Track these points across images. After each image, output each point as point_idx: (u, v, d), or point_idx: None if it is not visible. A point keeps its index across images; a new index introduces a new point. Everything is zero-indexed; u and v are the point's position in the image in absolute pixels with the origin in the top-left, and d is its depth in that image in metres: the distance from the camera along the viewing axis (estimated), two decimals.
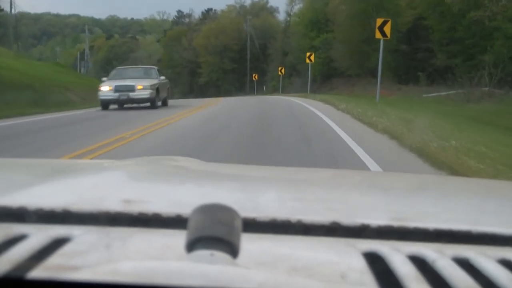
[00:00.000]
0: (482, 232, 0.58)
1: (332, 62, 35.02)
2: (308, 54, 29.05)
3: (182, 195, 0.76)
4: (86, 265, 0.44)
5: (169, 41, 60.51)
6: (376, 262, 0.50)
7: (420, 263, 0.50)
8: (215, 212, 0.44)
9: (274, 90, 43.11)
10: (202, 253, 0.40)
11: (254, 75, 44.27)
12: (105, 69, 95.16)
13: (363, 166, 4.99)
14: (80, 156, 5.73)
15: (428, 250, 0.53)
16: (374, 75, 20.56)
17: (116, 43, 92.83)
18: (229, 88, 52.47)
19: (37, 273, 0.43)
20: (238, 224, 0.44)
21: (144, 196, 0.69)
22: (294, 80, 40.35)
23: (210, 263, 0.39)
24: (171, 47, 60.27)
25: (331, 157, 5.60)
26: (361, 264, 0.49)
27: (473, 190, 0.99)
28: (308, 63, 27.76)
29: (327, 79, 35.53)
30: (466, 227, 0.58)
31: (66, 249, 0.50)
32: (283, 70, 35.65)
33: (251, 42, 52.29)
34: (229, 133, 8.11)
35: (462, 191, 0.97)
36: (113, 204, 0.61)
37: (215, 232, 0.42)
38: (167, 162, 1.21)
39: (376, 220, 0.59)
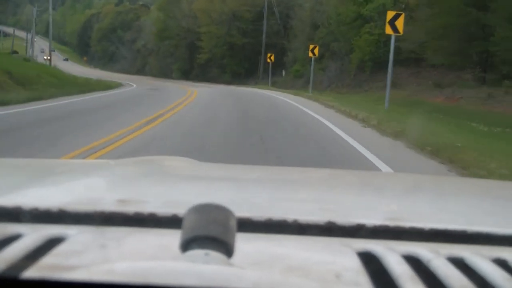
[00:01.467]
0: (477, 231, 0.58)
1: (399, 42, 20.67)
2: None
3: (177, 195, 0.77)
4: (81, 265, 0.44)
5: (166, 4, 47.75)
6: (371, 262, 0.50)
7: (415, 263, 0.50)
8: (210, 212, 0.44)
9: (297, 78, 30.53)
10: (197, 253, 0.41)
11: (269, 55, 30.73)
12: (109, 38, 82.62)
13: None
14: None
15: (423, 250, 0.53)
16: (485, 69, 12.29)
17: (123, 10, 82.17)
18: (237, 69, 39.96)
19: (32, 272, 0.43)
20: (233, 224, 0.44)
21: (139, 196, 0.70)
22: (327, 64, 27.77)
23: (205, 263, 0.39)
24: (167, 11, 47.63)
25: None
26: (356, 264, 0.49)
27: (468, 190, 1.00)
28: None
29: (380, 69, 22.69)
30: (461, 227, 0.59)
31: (61, 249, 0.50)
32: (316, 50, 21.65)
33: (269, 9, 37.73)
34: None
35: (457, 191, 0.98)
36: (108, 204, 0.62)
37: (210, 232, 0.42)
38: (162, 162, 1.22)
39: (371, 220, 0.59)
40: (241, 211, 0.56)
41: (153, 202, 0.65)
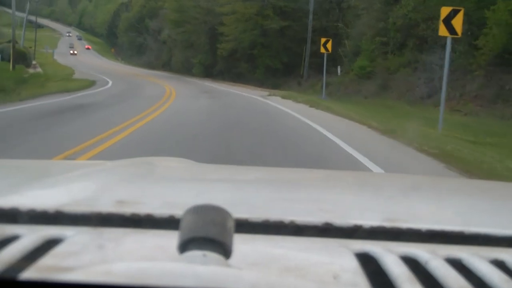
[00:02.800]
0: (475, 232, 0.59)
1: None
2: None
3: (175, 196, 0.77)
4: (79, 265, 0.44)
5: None
6: (368, 263, 0.50)
7: (413, 264, 0.50)
8: (207, 213, 0.44)
9: (362, 78, 19.76)
10: (195, 254, 0.41)
11: (324, 41, 17.06)
12: (136, 28, 74.25)
13: None
14: None
15: (420, 251, 0.53)
16: None
17: None
18: (272, 64, 28.56)
19: (30, 274, 0.43)
20: (231, 225, 0.44)
21: (136, 197, 0.70)
22: (416, 57, 16.88)
23: (202, 264, 0.39)
24: None
25: None
26: (354, 265, 0.49)
27: (465, 191, 1.01)
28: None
29: None
30: (459, 227, 0.59)
31: (58, 249, 0.50)
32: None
33: None
34: None
35: (455, 192, 0.98)
36: (105, 205, 0.62)
37: (208, 233, 0.42)
38: (159, 163, 1.22)
39: (369, 220, 0.59)
40: (239, 212, 0.56)
41: (150, 203, 0.66)
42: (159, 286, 0.35)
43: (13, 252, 0.48)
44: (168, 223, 0.57)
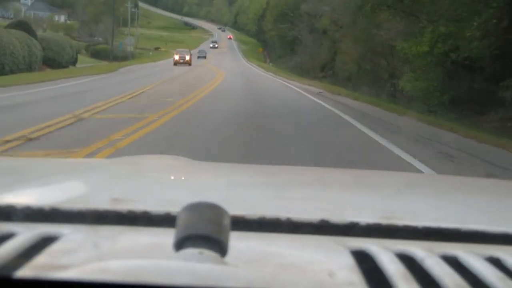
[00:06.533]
0: (471, 230, 0.59)
1: None
2: None
3: (170, 194, 0.77)
4: (75, 263, 0.44)
5: None
6: (364, 261, 0.50)
7: (409, 262, 0.50)
8: (203, 210, 0.44)
9: None
10: (191, 252, 0.41)
11: None
12: (288, 17, 54.95)
13: None
14: None
15: (416, 249, 0.53)
16: None
17: None
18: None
19: (25, 272, 0.43)
20: (227, 222, 0.44)
21: (132, 195, 0.70)
22: None
23: (198, 262, 0.39)
24: None
25: None
26: (350, 263, 0.49)
27: (462, 189, 1.00)
28: None
29: None
30: (455, 225, 0.59)
31: (54, 247, 0.50)
32: None
33: None
34: None
35: (451, 190, 0.98)
36: (101, 203, 0.62)
37: (204, 231, 0.42)
38: (155, 161, 1.21)
39: (365, 218, 0.59)
40: (234, 210, 0.55)
41: (146, 201, 0.66)
42: (155, 284, 0.35)
43: (8, 250, 0.48)
44: (164, 221, 0.56)
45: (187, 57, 36.62)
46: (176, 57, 36.82)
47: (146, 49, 55.90)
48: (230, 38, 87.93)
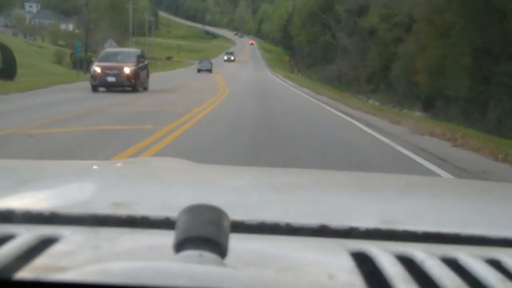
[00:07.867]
0: (471, 234, 0.59)
1: None
2: None
3: (170, 197, 0.77)
4: (75, 265, 0.44)
5: None
6: (364, 263, 0.50)
7: (409, 264, 0.50)
8: (203, 213, 0.44)
9: None
10: (191, 254, 0.41)
11: None
12: (319, 18, 48.58)
13: None
14: None
15: (416, 251, 0.53)
16: None
17: None
18: None
19: (25, 273, 0.43)
20: (227, 225, 0.44)
21: (133, 199, 0.70)
22: None
23: (198, 264, 0.39)
24: None
25: None
26: (350, 265, 0.49)
27: (462, 191, 1.00)
28: None
29: None
30: (455, 229, 0.59)
31: (54, 249, 0.50)
32: None
33: None
34: None
35: (451, 193, 0.98)
36: (101, 207, 0.62)
37: (204, 233, 0.42)
38: (155, 164, 1.21)
39: (365, 223, 0.59)
40: (234, 214, 0.55)
41: (146, 205, 0.66)
42: (155, 286, 0.35)
43: (8, 251, 0.48)
44: (164, 223, 0.56)
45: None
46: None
47: (156, 59, 49.08)
48: (252, 44, 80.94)
